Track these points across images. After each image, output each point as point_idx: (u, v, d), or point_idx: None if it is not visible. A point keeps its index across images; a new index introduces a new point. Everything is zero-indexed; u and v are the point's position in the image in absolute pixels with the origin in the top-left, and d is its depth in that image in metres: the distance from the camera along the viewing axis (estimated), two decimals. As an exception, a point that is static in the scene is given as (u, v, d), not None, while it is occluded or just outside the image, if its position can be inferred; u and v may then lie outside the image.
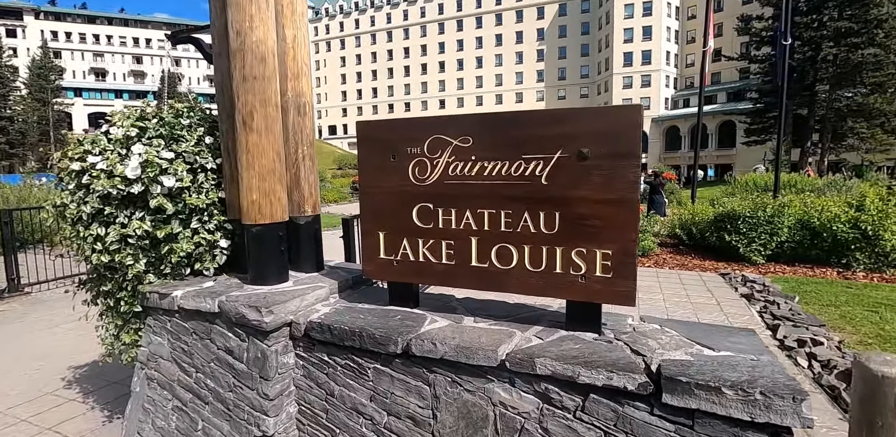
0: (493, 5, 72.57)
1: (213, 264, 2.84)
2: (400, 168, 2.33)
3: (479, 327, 2.24)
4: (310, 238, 2.94)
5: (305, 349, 2.46)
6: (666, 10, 57.76)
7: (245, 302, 2.38)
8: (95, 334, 2.99)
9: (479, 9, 73.66)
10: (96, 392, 3.80)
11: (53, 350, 4.78)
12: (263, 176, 2.54)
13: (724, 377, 1.69)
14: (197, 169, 2.75)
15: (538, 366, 1.89)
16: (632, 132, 1.90)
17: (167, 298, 2.61)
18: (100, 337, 2.95)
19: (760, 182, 15.65)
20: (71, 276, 7.42)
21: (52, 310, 6.27)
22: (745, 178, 17.18)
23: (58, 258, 6.91)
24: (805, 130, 28.51)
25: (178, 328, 2.65)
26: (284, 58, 2.68)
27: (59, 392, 3.84)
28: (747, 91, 44.93)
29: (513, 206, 2.13)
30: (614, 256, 1.99)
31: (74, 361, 4.45)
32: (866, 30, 25.72)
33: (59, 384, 4.00)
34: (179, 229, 2.66)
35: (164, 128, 2.70)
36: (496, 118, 2.17)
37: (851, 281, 7.05)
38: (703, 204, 10.40)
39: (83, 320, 3.07)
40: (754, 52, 32.28)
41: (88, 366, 4.32)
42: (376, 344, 2.20)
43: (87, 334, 4.57)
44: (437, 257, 2.33)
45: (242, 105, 2.46)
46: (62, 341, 5.04)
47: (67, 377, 4.13)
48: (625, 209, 1.95)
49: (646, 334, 2.14)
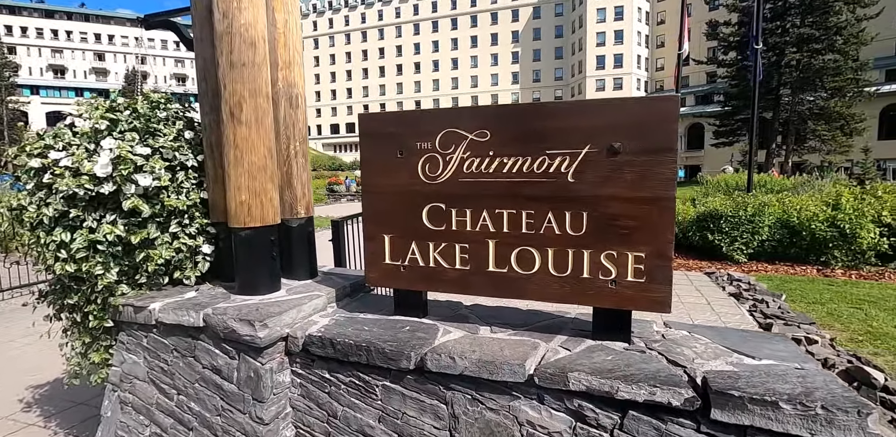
0: (468, 7, 72.79)
1: (194, 272, 2.56)
2: (408, 165, 2.13)
3: (497, 337, 2.06)
4: (303, 242, 2.69)
5: (303, 366, 2.22)
6: (637, 15, 59.16)
7: (235, 315, 2.13)
8: (60, 352, 2.66)
9: (455, 10, 73.77)
10: (59, 415, 3.44)
11: (10, 368, 4.34)
12: (253, 174, 2.29)
13: (777, 390, 1.55)
14: (176, 167, 2.48)
15: (571, 381, 1.72)
16: (667, 125, 1.76)
17: (143, 311, 2.33)
18: (64, 356, 2.62)
19: (732, 182, 16.04)
20: (29, 285, 6.87)
21: (8, 323, 5.76)
22: (717, 178, 17.61)
23: (13, 266, 6.37)
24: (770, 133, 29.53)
25: (157, 345, 2.37)
26: (275, 44, 2.44)
27: (16, 416, 3.46)
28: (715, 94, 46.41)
29: (535, 205, 1.96)
30: (648, 259, 1.84)
31: (34, 379, 4.04)
32: (826, 36, 26.86)
33: (17, 406, 3.61)
34: (157, 234, 2.38)
35: (139, 120, 2.42)
36: (517, 110, 1.99)
37: (832, 278, 7.20)
38: (685, 204, 10.53)
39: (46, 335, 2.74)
40: (722, 57, 33.26)
41: (50, 385, 3.92)
42: (386, 359, 1.98)
43: (48, 348, 4.16)
44: (450, 261, 2.13)
45: (230, 95, 2.21)
46: (20, 358, 4.60)
47: (26, 398, 3.74)
48: (660, 209, 1.80)
49: (678, 342, 2.00)
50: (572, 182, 1.89)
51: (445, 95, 75.10)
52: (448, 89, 75.26)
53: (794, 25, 27.89)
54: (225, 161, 2.31)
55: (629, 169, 1.81)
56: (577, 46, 64.35)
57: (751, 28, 13.56)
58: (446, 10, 74.36)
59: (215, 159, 2.47)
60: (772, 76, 28.23)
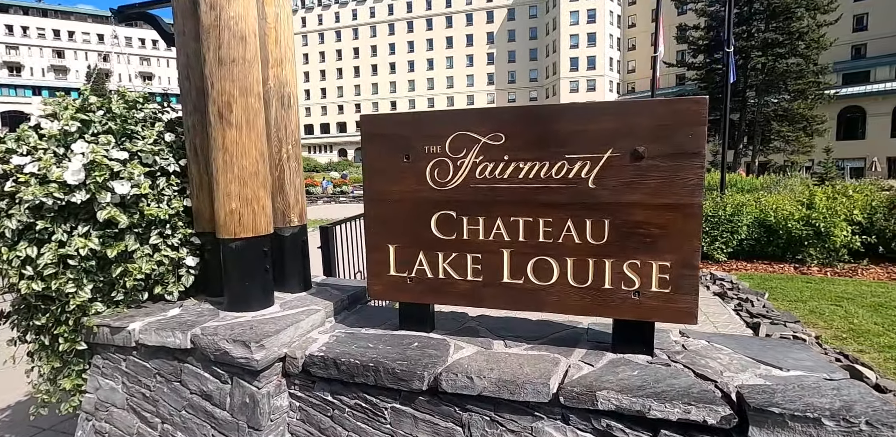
0: (443, 8, 72.80)
1: (177, 286, 2.35)
2: (415, 170, 1.99)
3: (514, 352, 1.94)
4: (296, 253, 2.52)
5: (303, 388, 2.05)
6: (609, 18, 60.33)
7: (227, 335, 1.95)
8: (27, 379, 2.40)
9: (430, 11, 73.67)
10: (24, 443, 3.14)
11: (-36, 391, 3.97)
12: (244, 180, 2.11)
13: (816, 405, 1.49)
14: (156, 172, 2.27)
15: (600, 400, 1.62)
16: (694, 128, 1.68)
17: (122, 332, 2.11)
18: (31, 384, 2.37)
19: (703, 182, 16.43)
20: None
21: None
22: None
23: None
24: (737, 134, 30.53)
25: (137, 369, 2.16)
26: (265, 40, 2.26)
27: (-27, 446, 3.14)
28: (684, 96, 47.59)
29: (553, 213, 1.85)
30: (673, 268, 1.75)
31: (-7, 403, 3.70)
32: (790, 41, 27.98)
33: (-27, 434, 3.28)
34: (136, 246, 2.17)
35: (114, 121, 2.20)
36: (534, 112, 1.88)
37: (808, 276, 7.39)
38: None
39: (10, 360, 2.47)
40: (691, 60, 34.23)
41: (12, 409, 3.60)
42: (396, 380, 1.84)
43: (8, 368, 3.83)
44: (461, 273, 2.01)
45: (218, 94, 2.03)
46: (-24, 379, 4.21)
47: (-16, 424, 3.41)
48: (685, 216, 1.72)
49: (700, 353, 1.92)
50: (593, 188, 1.79)
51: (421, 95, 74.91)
52: (424, 90, 75.09)
53: (759, 30, 28.91)
54: (212, 166, 2.12)
55: (654, 174, 1.73)
56: (551, 48, 65.18)
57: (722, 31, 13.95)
58: (421, 11, 74.22)
59: (200, 164, 2.27)
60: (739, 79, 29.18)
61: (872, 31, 38.68)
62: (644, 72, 58.28)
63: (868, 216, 7.97)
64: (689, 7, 34.30)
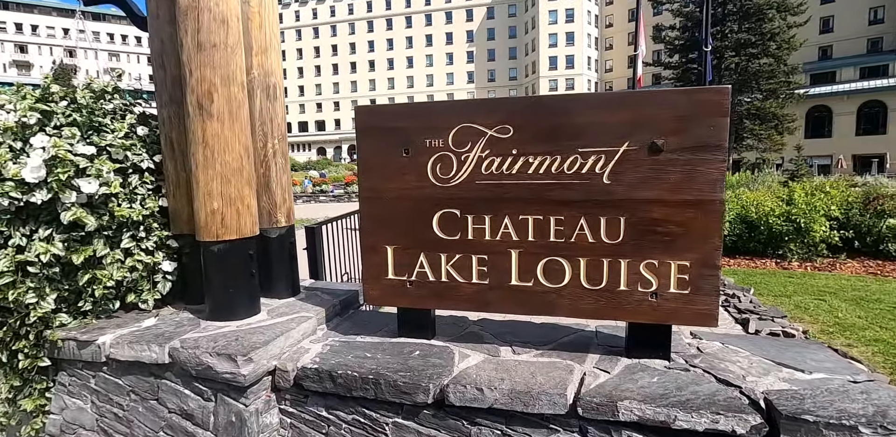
0: (422, 5, 72.42)
1: (153, 294, 2.16)
2: (416, 165, 1.85)
3: (523, 360, 1.82)
4: (284, 255, 2.34)
5: (294, 403, 1.89)
6: (587, 17, 60.99)
7: (209, 348, 1.77)
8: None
9: (409, 8, 73.20)
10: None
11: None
12: (227, 177, 1.93)
13: (849, 411, 1.41)
14: (128, 169, 2.07)
15: (622, 410, 1.51)
16: (716, 119, 1.58)
17: (90, 346, 1.91)
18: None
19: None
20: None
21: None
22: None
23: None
24: (713, 132, 31.21)
25: (108, 387, 1.95)
26: (249, 25, 2.08)
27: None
28: (661, 95, 48.39)
29: (565, 210, 1.74)
30: (693, 268, 1.66)
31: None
32: (762, 42, 28.73)
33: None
34: (105, 251, 1.97)
35: (79, 113, 1.99)
36: (545, 102, 1.75)
37: (790, 271, 7.50)
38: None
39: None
40: (667, 59, 34.84)
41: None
42: (399, 393, 1.70)
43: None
44: (466, 275, 1.87)
45: (197, 82, 1.84)
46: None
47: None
48: (706, 212, 1.62)
49: (717, 356, 1.83)
50: (608, 184, 1.68)
51: (401, 93, 74.43)
52: (404, 88, 74.68)
53: (733, 31, 29.60)
54: (191, 162, 1.93)
55: (673, 169, 1.62)
56: (530, 47, 65.57)
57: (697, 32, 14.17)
58: (400, 8, 73.72)
59: (177, 160, 2.08)
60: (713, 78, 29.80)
61: (838, 33, 40.10)
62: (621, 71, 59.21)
63: (845, 212, 8.16)
64: (665, 8, 34.87)
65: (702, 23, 15.46)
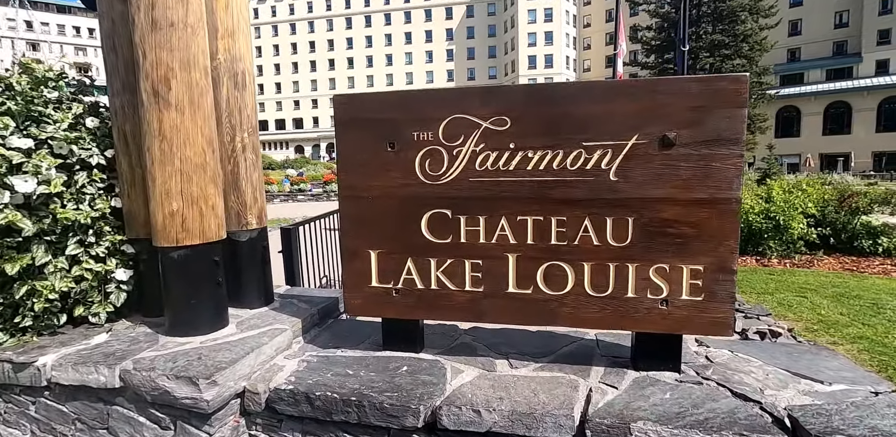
0: (401, 3, 71.92)
1: (104, 306, 1.92)
2: (402, 161, 1.66)
3: (521, 375, 1.66)
4: (255, 261, 2.13)
5: (266, 429, 1.68)
6: (565, 17, 61.54)
7: (167, 369, 1.55)
8: None
9: (388, 5, 72.61)
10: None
11: None
12: (188, 174, 1.70)
13: (881, 429, 1.29)
14: (74, 166, 1.83)
15: (635, 433, 1.36)
16: (733, 110, 1.44)
17: (28, 368, 1.66)
18: None
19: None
20: None
21: None
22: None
23: None
24: (689, 131, 31.85)
25: (51, 415, 1.71)
26: (214, 5, 1.86)
27: None
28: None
29: (568, 210, 1.58)
30: (706, 273, 1.52)
31: None
32: (735, 43, 29.42)
33: None
34: (46, 258, 1.72)
35: (14, 101, 1.73)
36: (545, 91, 1.59)
37: (770, 268, 7.58)
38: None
39: None
40: (644, 59, 35.37)
41: None
42: (385, 417, 1.51)
43: None
44: (458, 282, 1.70)
45: (151, 66, 1.61)
46: None
47: None
48: (722, 212, 1.49)
49: (729, 366, 1.71)
50: (615, 181, 1.53)
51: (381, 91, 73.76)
52: (383, 86, 73.98)
53: (707, 32, 30.22)
54: (147, 158, 1.70)
55: (686, 164, 1.48)
56: (509, 46, 65.80)
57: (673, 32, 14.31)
58: (379, 5, 73.06)
59: (132, 155, 1.84)
60: (689, 79, 30.38)
61: (806, 36, 41.36)
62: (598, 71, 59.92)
63: (821, 209, 8.30)
64: (641, 8, 35.34)
65: (677, 24, 15.64)
